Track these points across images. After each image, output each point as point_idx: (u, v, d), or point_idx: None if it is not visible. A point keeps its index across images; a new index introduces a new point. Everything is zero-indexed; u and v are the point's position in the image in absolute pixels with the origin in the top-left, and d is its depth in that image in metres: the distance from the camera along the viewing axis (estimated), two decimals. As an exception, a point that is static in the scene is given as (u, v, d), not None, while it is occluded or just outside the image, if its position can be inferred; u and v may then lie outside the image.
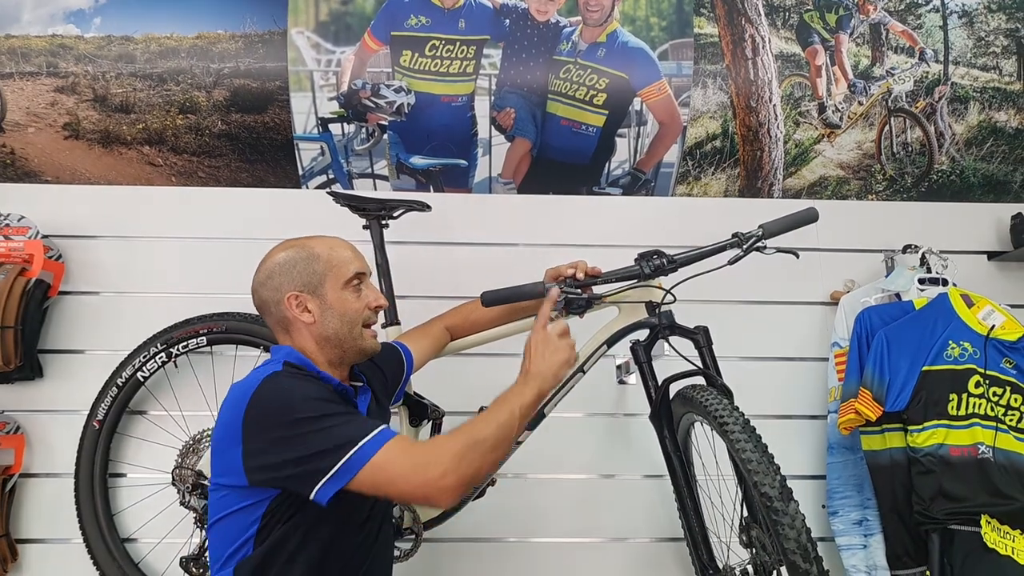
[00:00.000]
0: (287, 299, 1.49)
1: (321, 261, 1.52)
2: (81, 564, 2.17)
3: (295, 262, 1.51)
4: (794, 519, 1.37)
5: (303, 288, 1.50)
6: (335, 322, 1.50)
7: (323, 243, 1.55)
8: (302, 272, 1.51)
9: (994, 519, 1.96)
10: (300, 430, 1.29)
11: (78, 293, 2.40)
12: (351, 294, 1.52)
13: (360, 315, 1.53)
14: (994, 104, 2.51)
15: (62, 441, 2.29)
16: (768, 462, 1.44)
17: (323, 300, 1.50)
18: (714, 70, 2.45)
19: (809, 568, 1.34)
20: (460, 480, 1.28)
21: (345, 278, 1.52)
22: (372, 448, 1.27)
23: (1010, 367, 2.11)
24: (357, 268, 1.54)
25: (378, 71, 2.39)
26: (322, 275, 1.51)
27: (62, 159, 2.42)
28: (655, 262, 1.78)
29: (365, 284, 1.57)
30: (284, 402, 1.32)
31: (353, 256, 1.56)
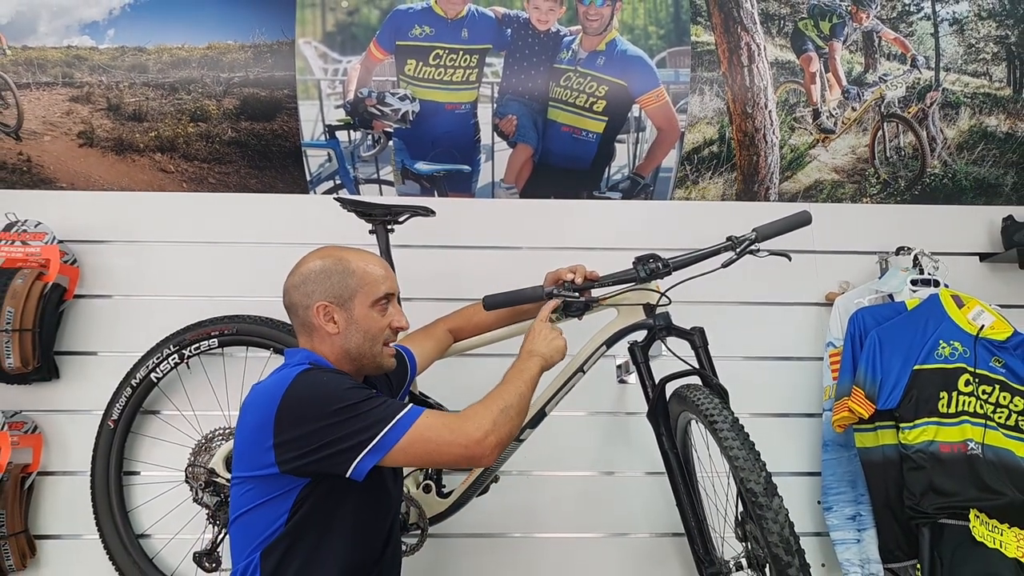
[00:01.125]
0: (316, 307, 1.53)
1: (355, 277, 1.56)
2: (97, 560, 2.24)
3: (330, 273, 1.55)
4: (777, 513, 1.43)
5: (333, 299, 1.54)
6: (358, 337, 1.55)
7: (359, 258, 1.59)
8: (335, 284, 1.54)
9: (983, 513, 2.01)
10: (340, 417, 1.36)
11: (92, 296, 2.46)
12: (378, 312, 1.56)
13: (383, 333, 1.57)
14: (984, 109, 2.56)
15: (78, 440, 2.36)
16: (754, 459, 1.50)
17: (350, 314, 1.54)
18: (711, 77, 2.51)
19: (791, 560, 1.39)
20: (499, 440, 1.43)
21: (375, 297, 1.56)
22: (408, 421, 1.38)
23: (999, 366, 2.16)
24: (388, 288, 1.59)
25: (383, 80, 2.45)
26: (354, 290, 1.55)
27: (77, 166, 2.48)
28: (651, 266, 1.83)
29: (392, 304, 1.61)
30: (324, 393, 1.39)
31: (385, 276, 1.61)
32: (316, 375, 1.43)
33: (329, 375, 1.45)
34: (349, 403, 1.37)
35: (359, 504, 1.47)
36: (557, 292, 1.80)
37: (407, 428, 1.37)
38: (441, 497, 2.03)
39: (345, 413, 1.36)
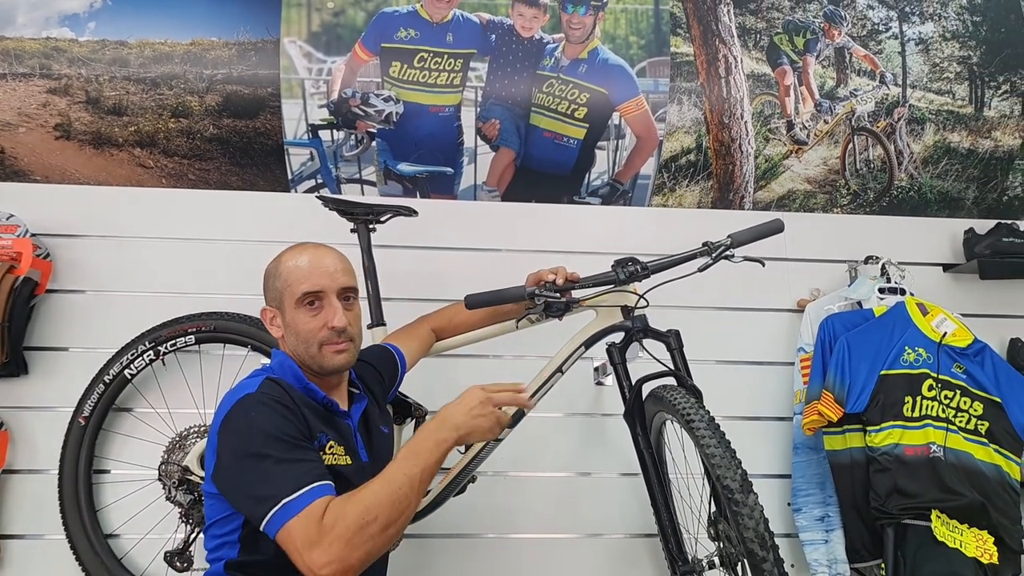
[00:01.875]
0: (262, 312, 1.54)
1: (281, 278, 1.51)
2: (64, 560, 2.18)
3: (268, 276, 1.54)
4: (753, 510, 1.46)
5: (273, 303, 1.54)
6: (293, 340, 1.51)
7: (293, 255, 1.53)
8: (271, 287, 1.54)
9: (943, 514, 2.07)
10: (247, 466, 1.31)
11: (65, 292, 2.42)
12: (304, 313, 1.49)
13: (314, 335, 1.48)
14: (948, 126, 2.66)
15: (46, 438, 2.30)
16: (730, 457, 1.53)
17: (285, 317, 1.52)
18: (689, 87, 2.57)
19: (766, 555, 1.42)
20: (344, 569, 1.21)
21: (295, 296, 1.49)
22: (292, 510, 1.24)
23: (960, 372, 2.24)
24: (308, 287, 1.48)
25: (368, 81, 2.47)
26: (281, 292, 1.51)
27: (52, 159, 2.45)
28: (629, 268, 1.86)
29: (325, 302, 1.50)
30: (242, 432, 1.33)
31: (309, 272, 1.50)
32: (248, 406, 1.36)
33: (259, 410, 1.35)
34: (256, 453, 1.30)
35: None
36: (539, 292, 1.83)
37: (289, 517, 1.24)
38: (419, 496, 2.03)
39: (251, 463, 1.30)
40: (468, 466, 2.00)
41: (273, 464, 1.29)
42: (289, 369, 1.50)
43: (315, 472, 1.30)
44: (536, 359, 2.40)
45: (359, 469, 1.49)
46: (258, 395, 1.38)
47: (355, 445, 1.55)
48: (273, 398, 1.38)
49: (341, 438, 1.50)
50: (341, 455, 1.46)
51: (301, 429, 1.38)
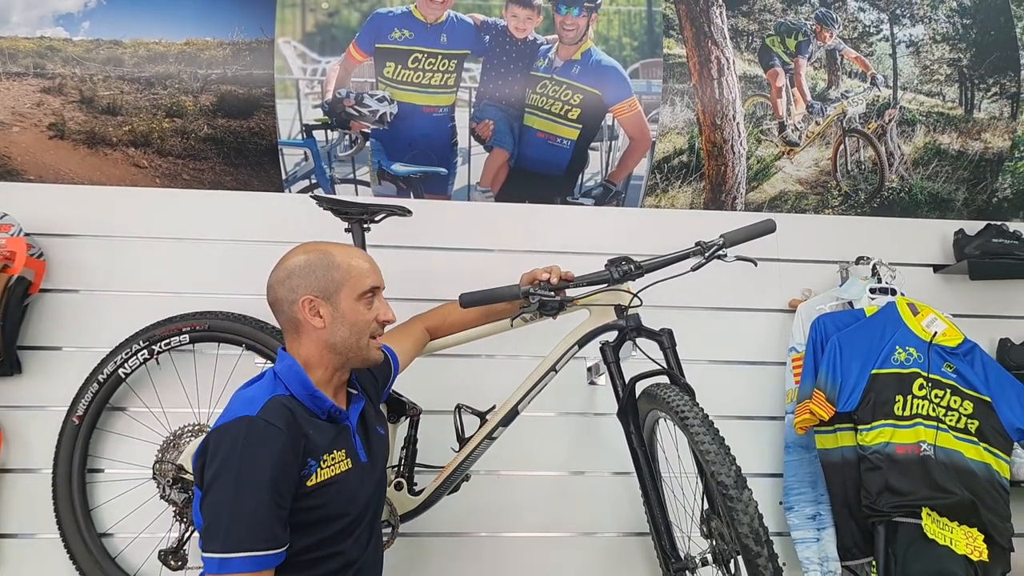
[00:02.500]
0: (302, 302, 1.51)
1: (340, 270, 1.55)
2: (58, 559, 2.19)
3: (315, 267, 1.54)
4: (747, 506, 1.48)
5: (319, 293, 1.53)
6: (344, 331, 1.53)
7: (343, 252, 1.59)
8: (320, 278, 1.53)
9: (934, 512, 2.09)
10: (216, 491, 1.33)
11: (59, 291, 2.42)
12: (364, 306, 1.56)
13: (369, 327, 1.57)
14: (938, 127, 2.69)
15: (40, 437, 2.30)
16: (724, 453, 1.55)
17: (336, 308, 1.53)
18: (682, 89, 2.58)
19: (760, 551, 1.44)
20: None
21: (361, 290, 1.56)
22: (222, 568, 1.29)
23: (950, 371, 2.26)
24: (373, 282, 1.58)
25: (362, 81, 2.48)
26: (339, 283, 1.54)
27: (46, 159, 2.45)
28: (623, 268, 1.89)
29: (378, 297, 1.60)
30: (223, 460, 1.34)
31: (371, 269, 1.60)
32: (241, 433, 1.36)
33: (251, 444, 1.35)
34: (230, 483, 1.32)
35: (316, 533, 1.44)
36: (533, 291, 1.84)
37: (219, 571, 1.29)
38: (412, 495, 2.04)
39: (223, 496, 1.33)
40: (462, 464, 2.02)
41: (230, 500, 1.32)
42: (296, 376, 1.50)
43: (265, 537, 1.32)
44: (530, 359, 2.41)
45: (359, 470, 1.54)
46: (257, 420, 1.38)
47: (355, 446, 1.57)
48: (270, 423, 1.38)
49: (342, 443, 1.53)
50: (342, 460, 1.50)
51: (289, 459, 1.38)
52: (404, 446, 2.06)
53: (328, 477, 1.45)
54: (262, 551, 1.31)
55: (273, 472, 1.34)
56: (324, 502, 1.44)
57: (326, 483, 1.45)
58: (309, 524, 1.42)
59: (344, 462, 1.50)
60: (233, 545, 1.29)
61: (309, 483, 1.42)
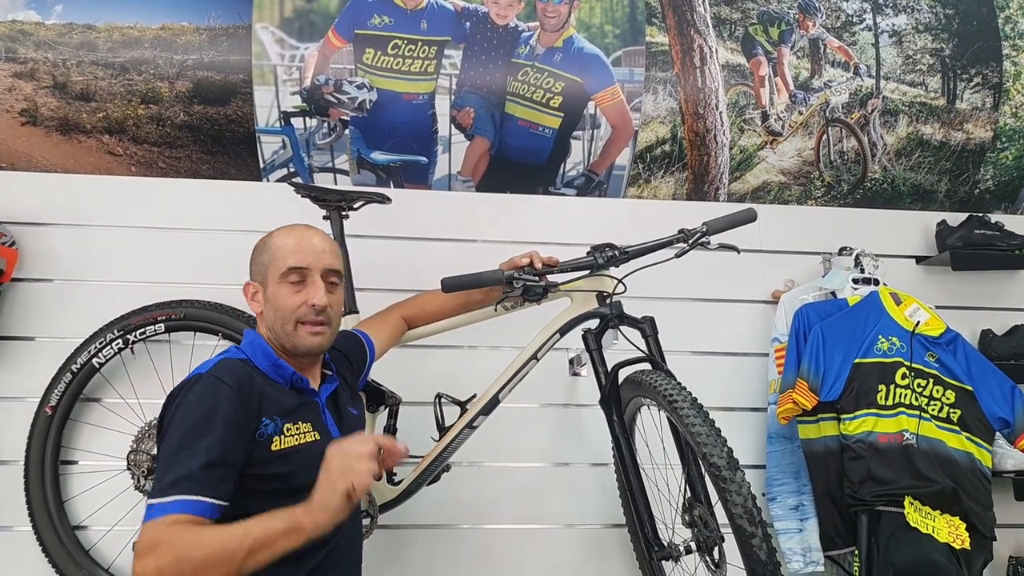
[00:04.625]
0: (244, 287, 1.54)
1: (268, 251, 1.53)
2: (30, 553, 2.14)
3: (255, 250, 1.56)
4: (740, 487, 1.46)
5: (256, 277, 1.54)
6: (271, 315, 1.51)
7: (283, 233, 1.56)
8: (256, 262, 1.55)
9: (916, 500, 2.08)
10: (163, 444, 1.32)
11: (32, 280, 2.37)
12: (286, 288, 1.49)
13: (292, 312, 1.48)
14: (921, 118, 2.69)
15: (11, 428, 2.25)
16: (716, 435, 1.54)
17: (267, 291, 1.52)
18: (664, 77, 2.57)
19: (755, 531, 1.43)
20: None
21: (280, 270, 1.50)
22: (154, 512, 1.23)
23: (933, 360, 2.26)
24: (294, 262, 1.50)
25: (341, 67, 2.45)
26: (266, 266, 1.52)
27: (18, 145, 2.40)
28: (608, 253, 1.88)
29: (309, 280, 1.51)
30: (174, 408, 1.35)
31: (296, 248, 1.51)
32: (194, 385, 1.36)
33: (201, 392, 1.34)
34: (175, 435, 1.30)
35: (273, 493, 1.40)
36: (517, 276, 1.82)
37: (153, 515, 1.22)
38: (391, 485, 2.02)
39: (166, 445, 1.30)
40: (442, 454, 1.99)
41: (174, 451, 1.29)
42: (259, 347, 1.50)
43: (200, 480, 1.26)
44: (511, 349, 2.38)
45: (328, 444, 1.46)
46: (206, 376, 1.38)
47: (324, 422, 1.55)
48: (218, 379, 1.36)
49: (308, 415, 1.50)
50: (308, 432, 1.47)
51: (239, 413, 1.35)
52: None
53: (293, 445, 1.42)
54: (190, 495, 1.24)
55: (218, 423, 1.31)
56: (289, 471, 1.40)
57: (291, 451, 1.42)
58: (273, 493, 1.38)
59: (311, 434, 1.47)
60: (162, 490, 1.24)
61: (274, 447, 1.39)
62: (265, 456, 1.39)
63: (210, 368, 1.40)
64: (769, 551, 1.42)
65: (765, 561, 1.41)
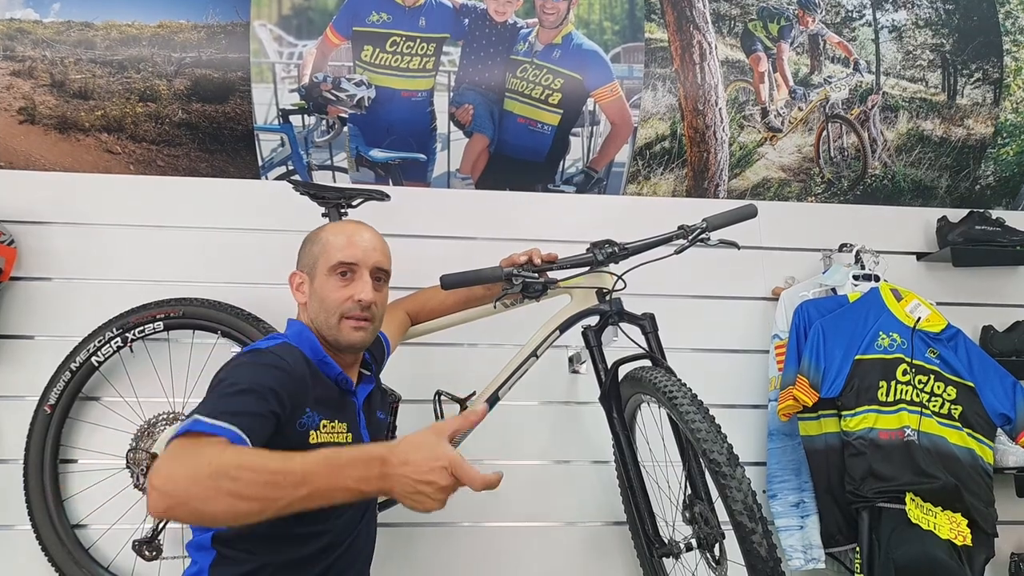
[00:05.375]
0: (290, 277, 1.55)
1: (319, 244, 1.54)
2: (30, 551, 2.14)
3: (305, 242, 1.57)
4: (741, 483, 1.46)
5: (304, 268, 1.55)
6: (315, 307, 1.52)
7: (335, 228, 1.58)
8: (306, 253, 1.56)
9: (917, 497, 2.08)
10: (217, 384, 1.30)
11: (31, 279, 2.37)
12: (335, 281, 1.50)
13: (338, 306, 1.49)
14: (921, 113, 2.68)
15: (10, 427, 2.25)
16: (716, 431, 1.53)
17: (313, 283, 1.52)
18: (664, 74, 2.57)
19: (755, 527, 1.42)
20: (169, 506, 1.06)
21: (330, 263, 1.50)
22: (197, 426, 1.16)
23: (934, 356, 2.25)
24: (345, 256, 1.50)
25: (339, 65, 2.44)
26: (316, 257, 1.53)
27: (16, 144, 2.40)
28: (607, 250, 1.87)
29: (357, 275, 1.51)
30: (230, 367, 1.34)
31: (347, 243, 1.52)
32: (244, 357, 1.37)
33: (253, 360, 1.33)
34: (224, 381, 1.28)
35: None
36: (516, 272, 1.82)
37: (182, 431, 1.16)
38: (391, 482, 2.01)
39: (223, 383, 1.28)
40: (441, 452, 1.98)
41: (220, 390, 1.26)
42: (307, 340, 1.50)
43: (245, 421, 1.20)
44: (512, 347, 2.36)
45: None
46: (266, 351, 1.38)
47: (358, 424, 1.55)
48: (280, 357, 1.35)
49: (345, 416, 1.50)
50: (343, 432, 1.47)
51: (286, 395, 1.32)
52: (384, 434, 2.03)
53: (327, 442, 1.41)
54: (230, 424, 1.17)
55: (269, 382, 1.28)
56: None
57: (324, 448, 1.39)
58: None
59: (345, 435, 1.47)
60: (207, 411, 1.18)
61: (312, 441, 1.38)
62: (301, 447, 1.34)
63: (269, 346, 1.40)
64: (769, 547, 1.41)
65: (765, 557, 1.40)
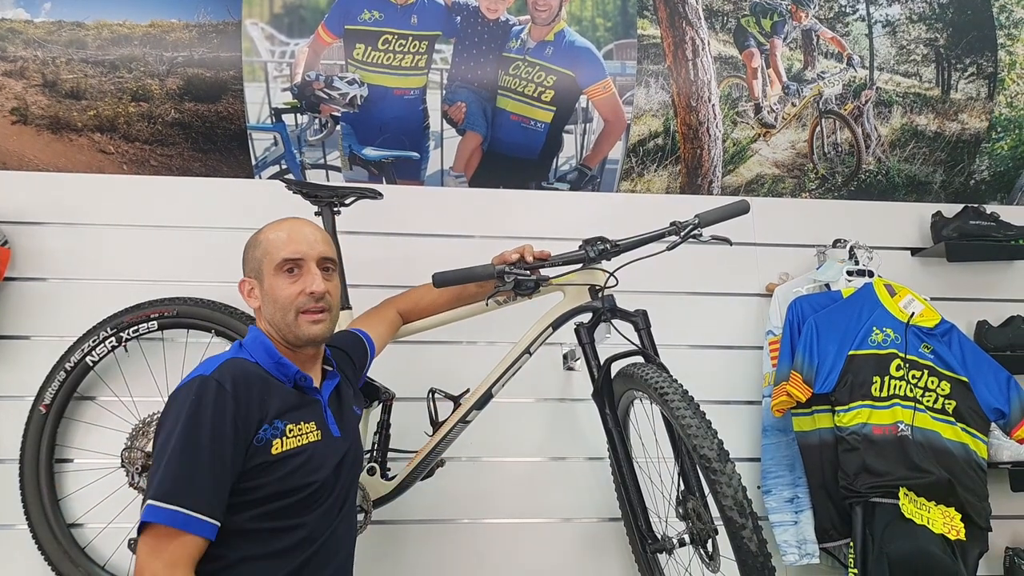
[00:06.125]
0: (239, 284, 1.55)
1: (261, 247, 1.53)
2: (26, 551, 2.14)
3: (247, 247, 1.56)
4: (731, 478, 1.46)
5: (252, 273, 1.54)
6: (270, 308, 1.51)
7: (273, 227, 1.56)
8: (249, 258, 1.55)
9: (911, 491, 2.08)
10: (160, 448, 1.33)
11: (25, 279, 2.37)
12: (283, 279, 1.50)
13: (292, 301, 1.49)
14: (915, 108, 2.68)
15: (7, 427, 2.25)
16: (706, 427, 1.54)
17: (263, 286, 1.52)
18: (656, 70, 2.56)
19: (744, 522, 1.43)
20: None
21: (275, 262, 1.50)
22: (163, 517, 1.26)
23: (928, 352, 2.25)
24: (288, 253, 1.50)
25: (331, 63, 2.44)
26: (260, 260, 1.53)
27: (9, 144, 2.40)
28: (599, 247, 1.88)
29: (304, 270, 1.51)
30: (172, 418, 1.35)
31: (288, 239, 1.52)
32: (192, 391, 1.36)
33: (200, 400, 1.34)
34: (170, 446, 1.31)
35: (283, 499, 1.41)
36: (509, 270, 1.82)
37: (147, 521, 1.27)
38: (385, 480, 2.02)
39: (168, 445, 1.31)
40: (435, 448, 1.99)
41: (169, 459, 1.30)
42: (261, 344, 1.50)
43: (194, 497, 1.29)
44: (507, 345, 2.37)
45: (330, 443, 1.51)
46: (209, 380, 1.37)
47: (326, 420, 1.55)
48: (220, 387, 1.36)
49: (312, 415, 1.50)
50: (312, 432, 1.47)
51: (240, 424, 1.36)
52: (377, 431, 2.04)
53: (295, 447, 1.43)
54: (190, 510, 1.27)
55: (214, 437, 1.32)
56: (289, 471, 1.41)
57: (293, 452, 1.42)
58: (272, 495, 1.39)
59: (314, 433, 1.48)
60: (162, 495, 1.27)
61: (275, 451, 1.39)
62: (264, 460, 1.38)
63: (214, 371, 1.39)
64: (760, 542, 1.42)
65: (756, 552, 1.41)
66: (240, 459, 1.36)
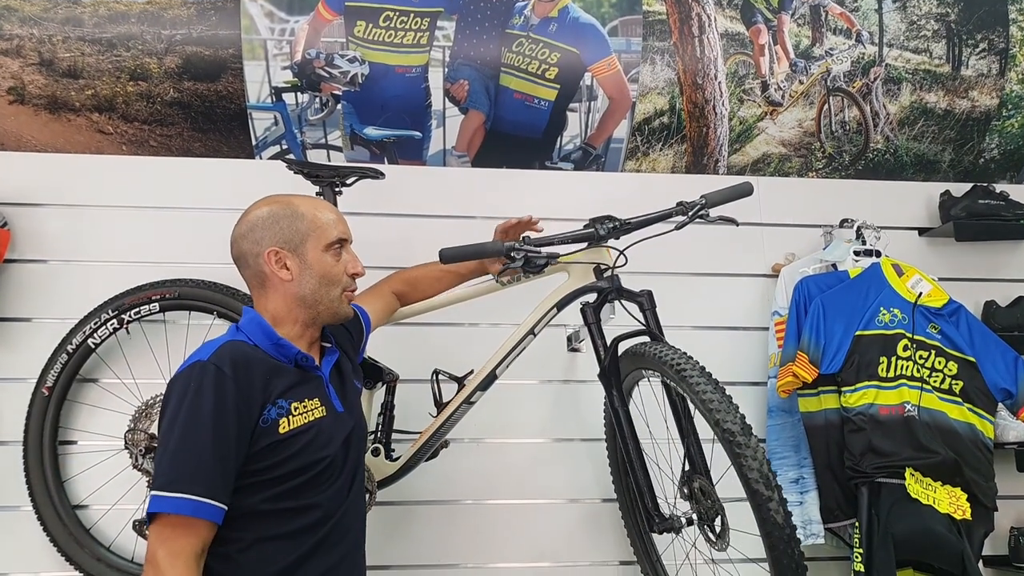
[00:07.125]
0: (267, 254, 1.49)
1: (305, 220, 1.53)
2: (31, 532, 2.15)
3: (279, 218, 1.52)
4: (755, 451, 1.46)
5: (284, 244, 1.51)
6: (312, 282, 1.51)
7: (308, 203, 1.56)
8: (285, 229, 1.51)
9: (917, 472, 2.08)
10: (162, 440, 1.34)
11: (25, 261, 2.36)
12: (331, 257, 1.54)
13: (340, 279, 1.55)
14: (925, 86, 2.64)
15: (9, 409, 2.25)
16: (728, 401, 1.53)
17: (303, 259, 1.51)
18: (662, 47, 2.52)
19: (771, 495, 1.42)
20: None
21: (327, 240, 1.53)
22: (168, 505, 1.28)
23: (935, 332, 2.24)
24: (340, 233, 1.56)
25: (332, 41, 2.41)
26: (305, 234, 1.52)
27: (6, 125, 2.37)
28: (608, 225, 1.87)
29: (346, 250, 1.58)
30: (173, 406, 1.35)
31: (337, 220, 1.58)
32: (191, 377, 1.36)
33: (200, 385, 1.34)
34: (175, 433, 1.32)
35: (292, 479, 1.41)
36: (519, 247, 1.81)
37: (159, 511, 1.28)
38: (389, 461, 2.01)
39: (166, 438, 1.33)
40: (440, 429, 1.99)
41: (174, 447, 1.31)
42: (259, 326, 1.49)
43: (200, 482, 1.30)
44: (510, 326, 2.35)
45: (335, 419, 1.52)
46: (207, 365, 1.37)
47: (328, 396, 1.55)
48: (219, 371, 1.36)
49: (313, 391, 1.51)
50: (317, 408, 1.48)
51: (243, 406, 1.36)
52: (381, 412, 2.04)
53: (303, 423, 1.43)
54: (194, 495, 1.28)
55: (216, 420, 1.32)
56: (299, 449, 1.41)
57: (301, 429, 1.43)
58: (284, 475, 1.40)
59: (319, 409, 1.48)
60: (166, 484, 1.29)
61: (282, 430, 1.40)
62: (273, 440, 1.39)
63: (211, 356, 1.38)
64: (786, 515, 1.42)
65: (782, 524, 1.40)
66: (245, 441, 1.36)
